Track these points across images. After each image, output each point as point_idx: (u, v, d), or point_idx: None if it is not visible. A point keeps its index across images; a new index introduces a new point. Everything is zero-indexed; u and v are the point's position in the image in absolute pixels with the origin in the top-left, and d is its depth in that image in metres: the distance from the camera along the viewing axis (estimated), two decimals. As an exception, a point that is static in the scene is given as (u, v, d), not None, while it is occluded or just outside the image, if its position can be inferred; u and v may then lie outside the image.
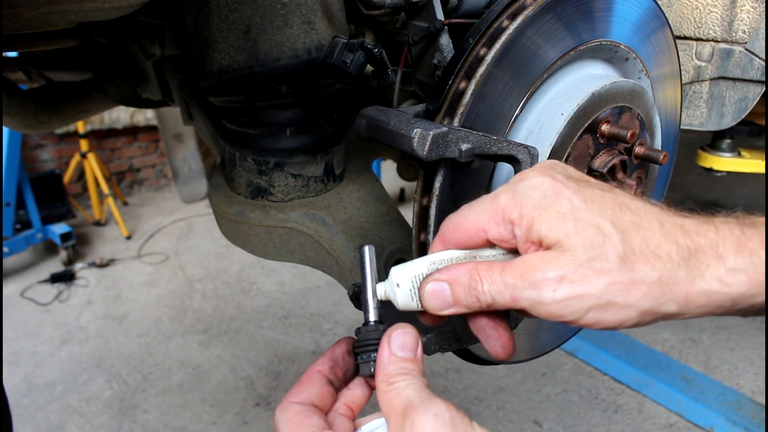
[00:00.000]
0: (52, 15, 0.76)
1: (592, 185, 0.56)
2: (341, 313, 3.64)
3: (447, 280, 0.57)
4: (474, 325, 0.61)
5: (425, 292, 0.58)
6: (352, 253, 1.06)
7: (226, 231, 1.23)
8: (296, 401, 0.58)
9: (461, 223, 0.58)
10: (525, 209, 0.53)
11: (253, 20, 0.94)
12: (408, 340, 0.57)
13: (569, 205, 0.53)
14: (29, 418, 2.85)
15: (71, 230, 4.41)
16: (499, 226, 0.55)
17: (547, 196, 0.53)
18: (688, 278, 0.51)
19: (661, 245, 0.51)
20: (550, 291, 0.51)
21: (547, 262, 0.52)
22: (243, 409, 2.87)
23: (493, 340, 0.60)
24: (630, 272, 0.50)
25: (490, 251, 0.58)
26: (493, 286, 0.54)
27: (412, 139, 0.67)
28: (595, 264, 0.50)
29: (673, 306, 0.51)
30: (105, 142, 5.60)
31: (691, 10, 1.18)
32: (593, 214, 0.52)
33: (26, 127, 1.50)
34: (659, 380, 2.86)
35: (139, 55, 1.27)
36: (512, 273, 0.53)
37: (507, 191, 0.56)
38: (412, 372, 0.55)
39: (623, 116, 0.87)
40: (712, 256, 0.51)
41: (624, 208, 0.53)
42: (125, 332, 3.54)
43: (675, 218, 0.54)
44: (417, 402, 0.51)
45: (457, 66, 0.75)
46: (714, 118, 1.25)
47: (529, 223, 0.53)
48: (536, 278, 0.51)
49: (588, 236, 0.51)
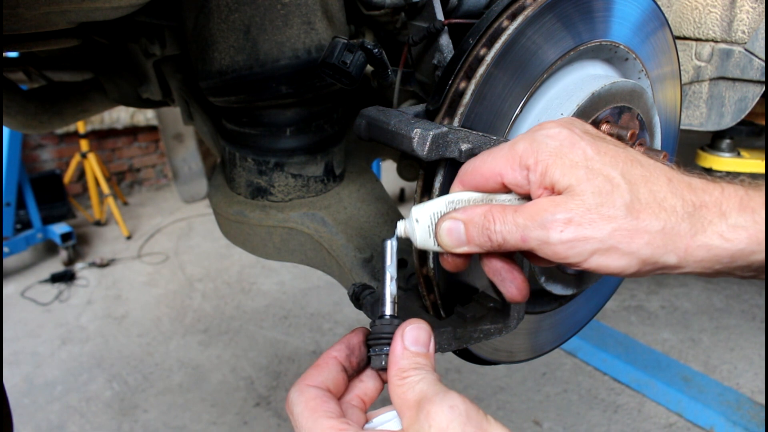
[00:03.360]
0: (52, 15, 0.76)
1: (607, 141, 0.58)
2: (341, 313, 3.64)
3: (463, 219, 0.59)
4: (489, 267, 0.63)
5: (441, 229, 0.60)
6: (352, 253, 1.06)
7: (227, 231, 1.23)
8: (312, 384, 0.59)
9: (479, 167, 0.60)
10: (541, 156, 0.56)
11: (254, 20, 0.94)
12: (421, 335, 0.59)
13: (583, 155, 0.55)
14: (29, 417, 2.85)
15: (71, 230, 4.41)
16: (515, 171, 0.57)
17: (563, 145, 0.56)
18: (690, 231, 0.52)
19: (667, 198, 0.53)
20: (557, 232, 0.53)
21: (557, 205, 0.54)
22: (243, 408, 2.87)
23: (508, 282, 0.62)
24: (635, 220, 0.52)
25: (505, 196, 0.61)
26: (505, 226, 0.56)
27: (412, 139, 0.67)
28: (602, 209, 0.53)
29: (673, 257, 0.53)
30: (105, 142, 5.60)
31: (690, 11, 1.18)
32: (605, 165, 0.55)
33: (27, 127, 1.50)
34: (659, 380, 2.86)
35: (139, 55, 1.27)
36: (523, 214, 0.56)
37: (525, 139, 0.58)
38: (425, 367, 0.56)
39: (623, 116, 0.87)
40: (715, 213, 0.53)
41: (635, 162, 0.55)
42: (125, 332, 3.54)
43: (683, 176, 0.56)
44: (432, 394, 0.52)
45: (457, 66, 0.75)
46: (713, 118, 1.25)
47: (543, 169, 0.55)
48: (545, 219, 0.54)
49: (598, 184, 0.53)
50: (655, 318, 3.52)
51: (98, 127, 5.39)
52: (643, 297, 3.73)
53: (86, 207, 5.33)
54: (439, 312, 0.79)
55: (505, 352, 0.95)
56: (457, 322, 0.76)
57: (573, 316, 1.02)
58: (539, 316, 0.94)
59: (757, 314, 3.53)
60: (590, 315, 1.08)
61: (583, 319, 1.06)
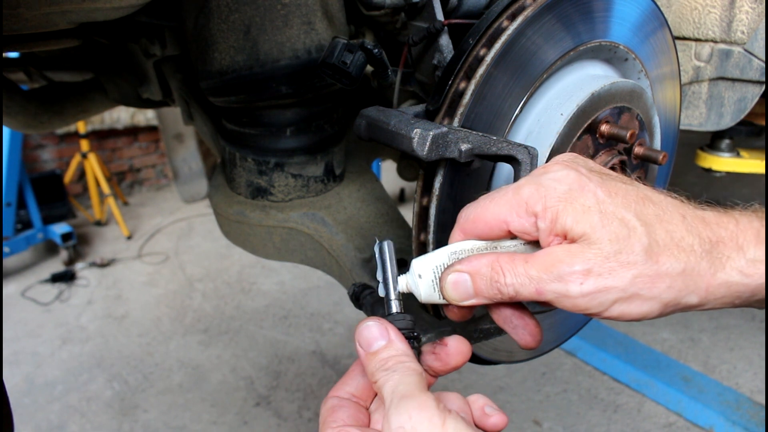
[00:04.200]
0: (52, 15, 0.76)
1: (614, 178, 0.56)
2: (341, 313, 3.64)
3: (468, 271, 0.57)
4: (498, 316, 0.61)
5: (446, 283, 0.58)
6: (352, 253, 1.06)
7: (227, 231, 1.23)
8: (334, 395, 0.59)
9: (481, 214, 0.58)
10: (549, 202, 0.53)
11: (254, 21, 0.94)
12: (371, 332, 0.57)
13: (594, 198, 0.53)
14: (30, 417, 2.86)
15: (72, 230, 4.41)
16: (522, 218, 0.55)
17: (572, 189, 0.53)
18: (710, 270, 0.51)
19: (685, 238, 0.52)
20: (577, 284, 0.51)
21: (574, 255, 0.52)
22: (243, 408, 2.87)
23: (521, 329, 0.60)
24: (655, 265, 0.51)
25: (510, 242, 0.58)
26: (517, 279, 0.54)
27: (412, 139, 0.67)
28: (621, 257, 0.51)
29: (694, 298, 0.52)
30: (105, 142, 5.60)
31: (690, 11, 1.18)
32: (618, 207, 0.52)
33: (27, 127, 1.50)
34: (658, 380, 2.86)
35: (139, 56, 1.27)
36: (537, 266, 0.53)
37: (530, 183, 0.56)
38: (387, 363, 0.54)
39: (623, 116, 0.87)
40: (732, 248, 0.52)
41: (647, 201, 0.54)
42: (126, 332, 3.55)
43: (696, 211, 0.54)
44: (388, 406, 0.51)
45: (457, 66, 0.75)
46: (713, 118, 1.25)
47: (553, 216, 0.53)
48: (562, 271, 0.52)
49: (614, 229, 0.51)
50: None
51: (98, 127, 5.39)
52: (643, 297, 3.73)
53: (87, 207, 5.33)
54: (439, 312, 0.79)
55: (505, 352, 0.96)
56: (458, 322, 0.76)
57: (573, 316, 1.02)
58: (539, 316, 0.94)
59: (757, 314, 3.53)
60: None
61: (582, 319, 1.06)
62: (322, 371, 3.06)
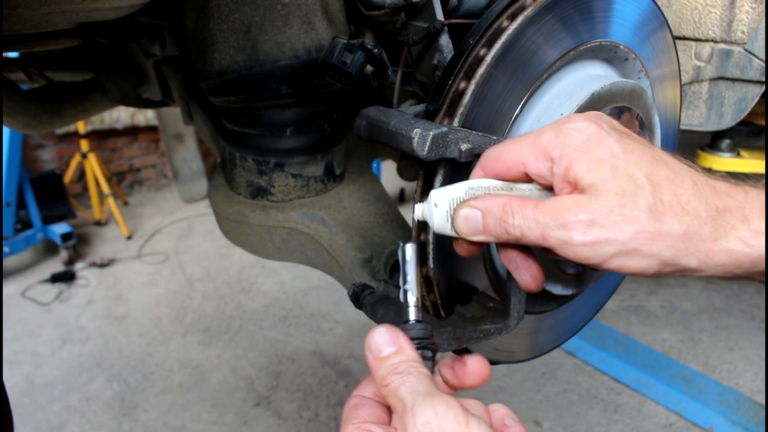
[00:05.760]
0: (52, 15, 0.76)
1: (633, 138, 0.57)
2: (341, 313, 3.64)
3: (480, 208, 0.58)
4: (504, 255, 0.62)
5: (459, 216, 0.60)
6: (352, 253, 1.06)
7: (227, 231, 1.23)
8: (358, 394, 0.60)
9: (502, 154, 0.60)
10: (566, 149, 0.55)
11: (254, 20, 0.94)
12: (382, 338, 0.58)
13: (609, 152, 0.54)
14: (30, 417, 2.86)
15: (72, 230, 4.41)
16: (539, 161, 0.57)
17: (589, 140, 0.55)
18: (712, 236, 0.52)
19: (691, 202, 0.53)
20: (580, 233, 0.53)
21: (581, 205, 0.53)
22: (243, 408, 2.87)
23: (524, 270, 0.62)
24: (657, 223, 0.52)
25: (526, 186, 0.60)
26: (524, 221, 0.56)
27: (412, 139, 0.67)
28: (625, 211, 0.52)
29: (693, 260, 0.53)
30: (105, 142, 5.60)
31: (690, 11, 1.18)
32: (630, 164, 0.54)
33: (27, 127, 1.50)
34: (659, 380, 2.86)
35: (139, 56, 1.27)
36: (545, 211, 0.55)
37: (552, 130, 0.57)
38: (399, 367, 0.55)
39: (623, 116, 0.87)
40: (738, 218, 0.53)
41: (661, 163, 0.55)
42: (125, 332, 3.55)
43: (708, 179, 0.55)
44: (410, 404, 0.51)
45: (457, 66, 0.75)
46: (713, 118, 1.25)
47: (568, 163, 0.55)
48: (568, 219, 0.53)
49: (622, 184, 0.53)
50: (655, 318, 3.53)
51: (98, 127, 5.39)
52: (643, 297, 3.73)
53: (86, 207, 5.33)
54: (439, 312, 0.79)
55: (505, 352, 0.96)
56: (457, 322, 0.76)
57: (573, 316, 1.02)
58: (539, 316, 0.94)
59: (757, 314, 3.53)
60: (590, 315, 1.08)
61: (582, 319, 1.06)
62: (322, 371, 3.05)
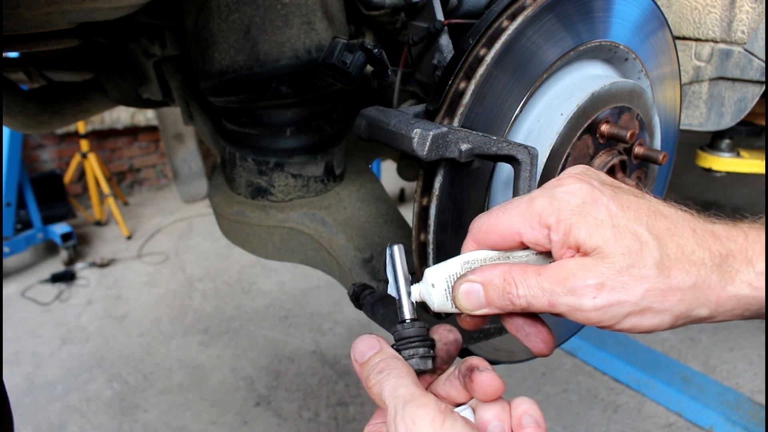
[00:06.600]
0: (52, 15, 0.76)
1: (626, 191, 0.57)
2: (341, 313, 3.64)
3: (480, 281, 0.57)
4: (510, 325, 0.61)
5: (459, 292, 0.58)
6: (352, 253, 1.06)
7: (227, 231, 1.23)
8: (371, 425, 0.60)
9: (494, 225, 0.58)
10: (563, 215, 0.54)
11: (254, 20, 0.94)
12: (364, 343, 0.59)
13: (607, 211, 0.53)
14: (30, 417, 2.86)
15: (72, 230, 4.41)
16: (535, 230, 0.55)
17: (585, 202, 0.54)
18: (720, 283, 0.52)
19: (695, 251, 0.52)
20: (590, 298, 0.52)
21: (587, 269, 0.52)
22: (243, 408, 2.87)
23: (534, 337, 0.60)
24: (666, 278, 0.51)
25: (522, 253, 0.59)
26: (529, 291, 0.54)
27: (412, 139, 0.67)
28: (634, 271, 0.51)
29: (705, 310, 0.52)
30: (105, 142, 5.60)
31: (690, 11, 1.18)
32: (630, 221, 0.53)
33: (27, 127, 1.50)
34: (659, 380, 2.86)
35: (139, 56, 1.27)
36: (550, 278, 0.54)
37: (544, 196, 0.56)
38: (378, 366, 0.56)
39: (623, 116, 0.87)
40: (742, 261, 0.52)
41: (658, 214, 0.54)
42: (126, 332, 3.55)
43: (706, 224, 0.55)
44: (392, 414, 0.52)
45: (457, 66, 0.75)
46: (713, 118, 1.25)
47: (566, 229, 0.53)
48: (575, 285, 0.52)
49: (626, 243, 0.52)
50: (655, 318, 3.52)
51: (98, 127, 5.39)
52: (643, 297, 3.73)
53: (86, 207, 5.33)
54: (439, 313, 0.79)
55: (505, 352, 0.96)
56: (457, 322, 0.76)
57: (573, 315, 1.02)
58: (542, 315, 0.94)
59: (757, 314, 3.53)
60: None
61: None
62: (322, 371, 3.06)
